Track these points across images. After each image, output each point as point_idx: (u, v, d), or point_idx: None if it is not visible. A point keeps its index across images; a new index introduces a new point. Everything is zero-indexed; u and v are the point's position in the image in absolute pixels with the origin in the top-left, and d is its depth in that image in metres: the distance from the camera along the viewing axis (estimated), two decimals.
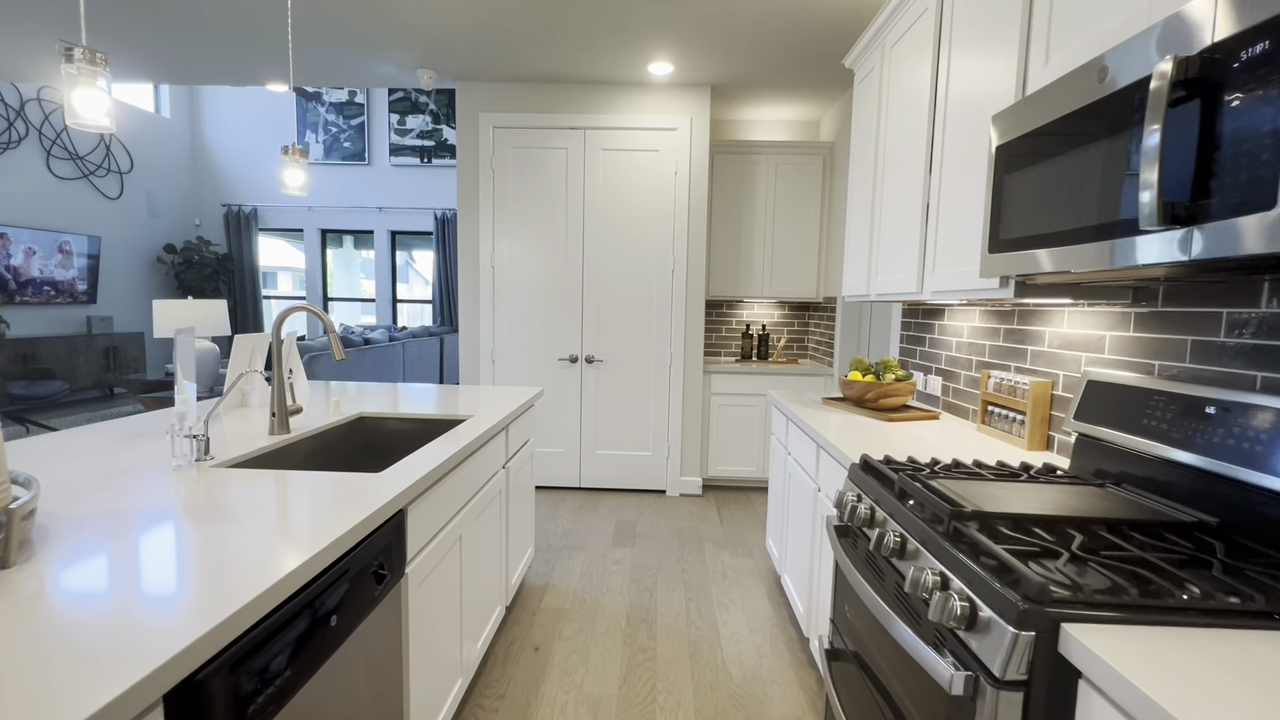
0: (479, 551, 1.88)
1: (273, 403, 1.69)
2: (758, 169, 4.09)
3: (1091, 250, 1.05)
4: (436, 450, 1.56)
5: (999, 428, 1.90)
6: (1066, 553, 0.92)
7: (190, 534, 0.99)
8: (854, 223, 2.59)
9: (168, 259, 7.77)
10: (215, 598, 0.79)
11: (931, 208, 1.87)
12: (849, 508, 1.38)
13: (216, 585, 0.82)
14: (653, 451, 3.94)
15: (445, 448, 1.58)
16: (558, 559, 2.94)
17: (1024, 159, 1.25)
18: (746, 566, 2.91)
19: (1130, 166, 0.96)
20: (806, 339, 4.51)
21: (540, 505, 3.68)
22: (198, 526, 1.02)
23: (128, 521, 1.03)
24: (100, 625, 0.72)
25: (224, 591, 0.80)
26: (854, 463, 1.51)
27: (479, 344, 3.91)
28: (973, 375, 2.16)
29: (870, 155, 2.40)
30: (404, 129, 8.18)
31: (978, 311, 2.15)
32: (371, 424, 2.08)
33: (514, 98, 3.75)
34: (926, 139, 1.90)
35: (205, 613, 0.75)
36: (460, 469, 1.66)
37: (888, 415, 2.17)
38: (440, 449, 1.57)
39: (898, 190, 2.13)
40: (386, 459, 2.09)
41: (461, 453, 1.61)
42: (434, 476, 1.41)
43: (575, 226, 3.82)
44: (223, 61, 3.58)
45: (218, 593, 0.80)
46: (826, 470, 1.91)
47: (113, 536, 0.97)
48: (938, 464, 1.44)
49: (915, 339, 2.64)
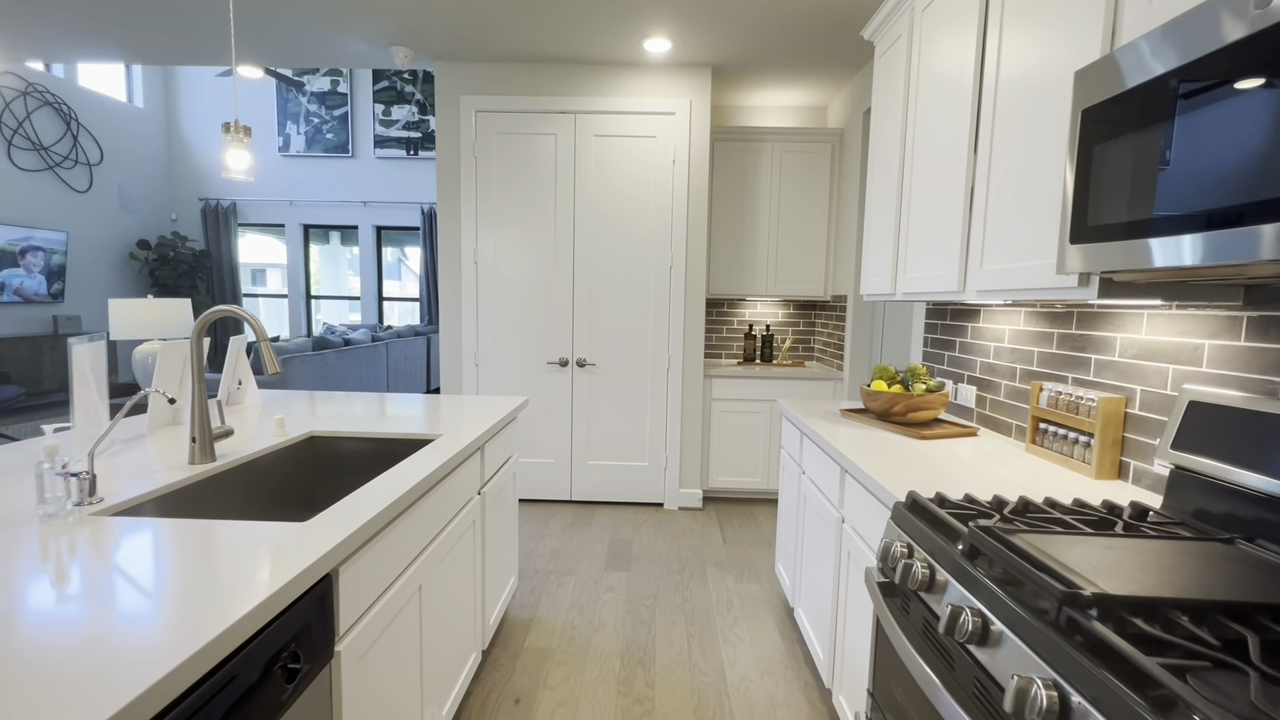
0: (446, 597, 1.59)
1: (191, 426, 1.40)
2: (761, 158, 3.80)
3: (1244, 239, 0.77)
4: (385, 488, 1.27)
5: (1055, 449, 1.63)
6: (1251, 670, 0.64)
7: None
8: (876, 213, 2.31)
9: (141, 255, 7.43)
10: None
11: (977, 194, 1.59)
12: (898, 562, 1.10)
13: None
14: (649, 462, 3.66)
15: (396, 484, 1.29)
16: (545, 586, 2.66)
17: (1125, 123, 0.97)
18: (754, 594, 2.63)
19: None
20: (813, 340, 4.24)
21: (528, 521, 3.40)
22: (9, 624, 0.73)
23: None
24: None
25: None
26: (899, 502, 1.23)
27: (461, 347, 3.62)
28: (1017, 386, 1.89)
29: (896, 136, 2.12)
30: (389, 120, 7.85)
31: (1023, 313, 1.88)
32: (324, 445, 1.79)
33: (498, 79, 3.45)
34: (970, 111, 1.62)
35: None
36: (421, 504, 1.37)
37: (919, 432, 1.89)
38: (391, 484, 1.28)
39: (932, 174, 1.85)
40: (337, 490, 1.80)
41: (421, 485, 1.33)
42: (380, 522, 1.13)
43: (565, 219, 3.53)
44: (187, 39, 3.26)
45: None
46: (854, 500, 1.63)
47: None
48: (1004, 505, 1.16)
49: (942, 343, 2.37)
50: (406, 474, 1.36)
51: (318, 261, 8.80)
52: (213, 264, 7.92)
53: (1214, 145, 0.82)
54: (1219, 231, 0.81)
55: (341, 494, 1.80)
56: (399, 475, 1.35)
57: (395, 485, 1.28)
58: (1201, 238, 0.83)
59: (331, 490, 1.81)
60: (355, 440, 1.79)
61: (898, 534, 1.18)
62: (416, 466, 1.42)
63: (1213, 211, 0.82)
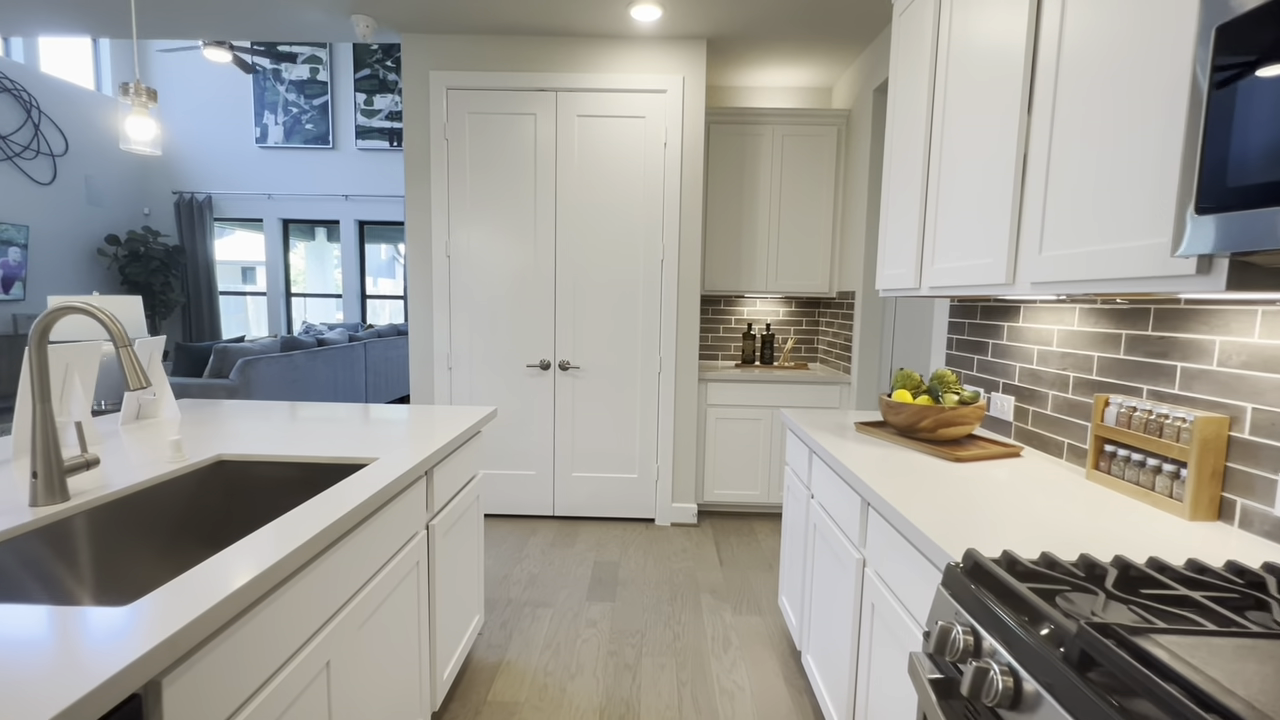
0: (373, 666, 1.28)
1: (33, 458, 1.08)
2: (761, 141, 3.49)
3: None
4: (262, 545, 0.96)
5: (1128, 478, 1.32)
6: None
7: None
8: (895, 195, 2.00)
9: (109, 251, 7.09)
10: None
11: (1033, 162, 1.28)
12: (963, 657, 0.79)
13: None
14: (639, 474, 3.35)
15: (283, 538, 0.98)
16: (519, 621, 2.35)
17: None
18: (754, 629, 2.32)
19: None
20: (816, 340, 3.93)
21: (504, 541, 3.08)
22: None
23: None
24: None
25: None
26: (955, 565, 0.92)
27: (432, 348, 3.30)
28: (1069, 398, 1.58)
29: (921, 102, 1.81)
30: (371, 109, 7.52)
31: (1078, 310, 1.57)
32: (233, 471, 1.48)
33: (471, 53, 3.13)
34: (1023, 59, 1.31)
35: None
36: (331, 555, 1.06)
37: (951, 452, 1.58)
38: (278, 537, 0.97)
39: (970, 143, 1.54)
40: (250, 527, 1.49)
41: (329, 533, 1.01)
42: (243, 600, 0.82)
43: (546, 207, 3.21)
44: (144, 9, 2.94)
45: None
46: (882, 541, 1.32)
47: None
48: (1098, 570, 0.85)
49: (970, 345, 2.06)
50: (301, 523, 1.04)
51: (303, 258, 8.47)
52: (187, 260, 7.58)
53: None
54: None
55: (253, 527, 1.49)
56: (293, 525, 1.03)
57: (282, 540, 0.96)
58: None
59: (245, 527, 1.49)
60: (273, 464, 1.47)
61: (956, 611, 0.87)
62: (341, 496, 1.10)
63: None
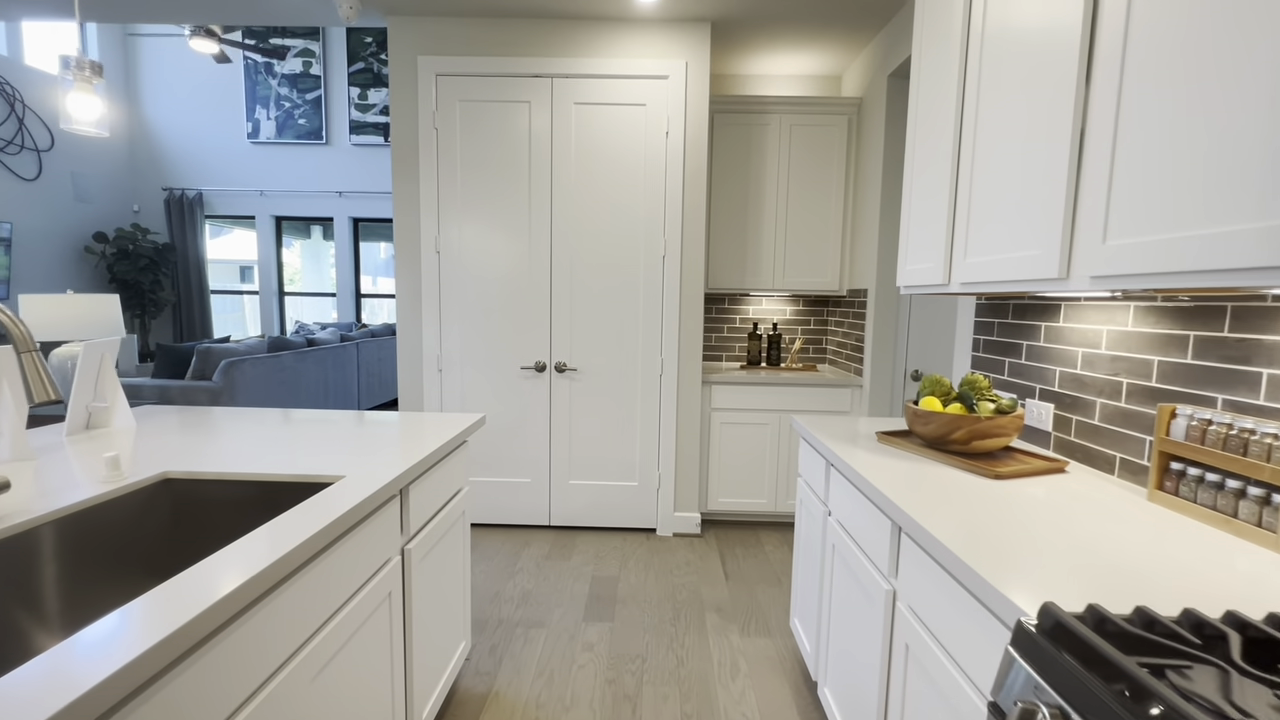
0: (335, 717, 1.11)
1: None
2: (768, 131, 3.31)
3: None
4: (174, 599, 0.79)
5: (1201, 501, 1.15)
6: None
7: None
8: (919, 182, 1.83)
9: (98, 249, 6.92)
10: None
11: (1093, 139, 1.11)
12: None
13: None
14: (640, 481, 3.18)
15: (204, 586, 0.81)
16: (510, 644, 2.18)
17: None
18: (763, 653, 2.15)
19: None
20: (825, 340, 3.75)
21: (497, 553, 2.92)
22: None
23: None
24: None
25: None
26: (1029, 626, 0.75)
27: (421, 349, 3.13)
28: (1122, 407, 1.41)
29: (950, 83, 1.63)
30: (366, 104, 7.35)
31: (1133, 307, 1.40)
32: (181, 491, 1.31)
33: (461, 37, 2.96)
34: (1081, 19, 1.14)
35: None
36: (275, 598, 0.89)
37: (989, 467, 1.41)
38: (197, 587, 0.80)
39: (1011, 123, 1.37)
40: (186, 558, 1.32)
41: (263, 579, 0.84)
42: (163, 658, 0.65)
43: (541, 199, 3.03)
44: None
45: None
46: (918, 573, 1.15)
47: None
48: (1209, 630, 0.68)
49: (1001, 346, 1.89)
50: (236, 562, 0.87)
51: (300, 256, 8.32)
52: (177, 258, 7.42)
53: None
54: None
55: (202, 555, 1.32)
56: (225, 565, 0.86)
57: (205, 586, 0.79)
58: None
59: (195, 556, 1.32)
60: (225, 484, 1.30)
61: (1036, 686, 0.69)
62: (252, 552, 0.93)
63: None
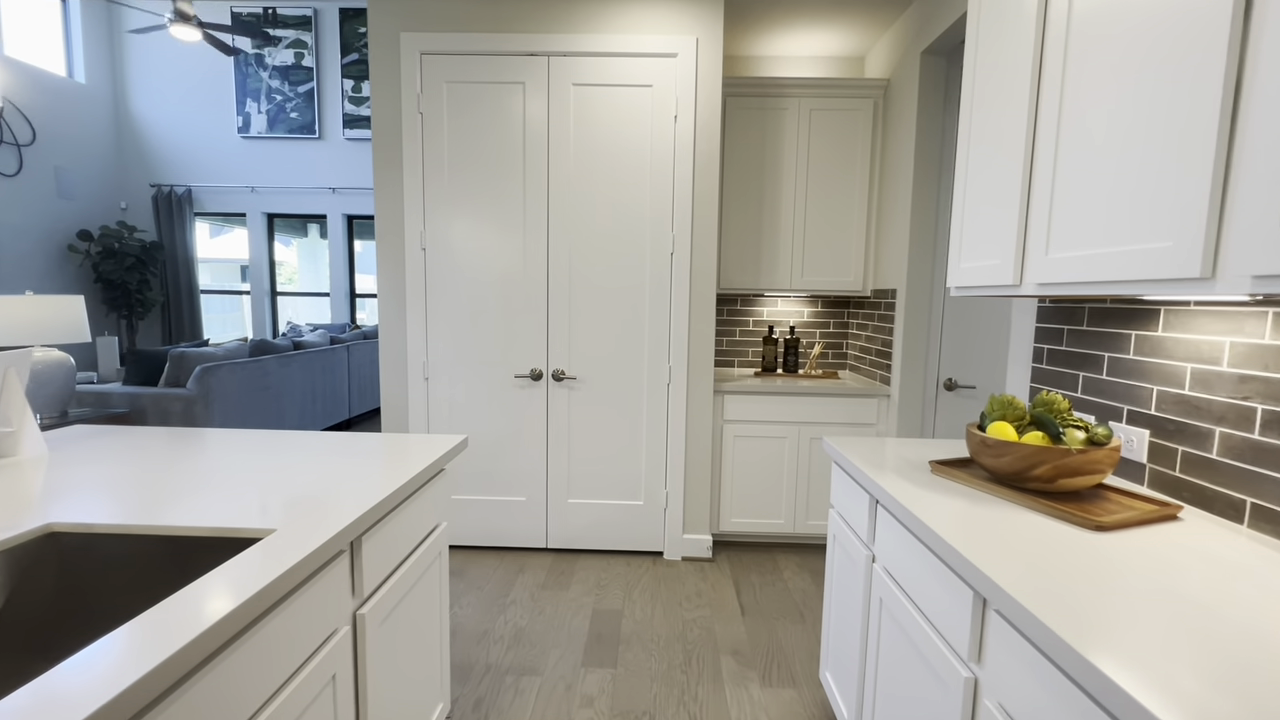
0: None
1: None
2: (785, 116, 3.03)
3: None
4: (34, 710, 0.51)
5: None
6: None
7: None
8: (981, 163, 1.55)
9: (82, 247, 6.67)
10: None
11: (1250, 95, 0.82)
12: None
13: None
14: (645, 500, 2.90)
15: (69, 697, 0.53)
16: (497, 696, 1.90)
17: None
18: (790, 708, 1.87)
19: None
20: (846, 345, 3.47)
21: (488, 581, 2.64)
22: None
23: None
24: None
25: None
26: None
27: (405, 355, 2.86)
28: (1253, 440, 1.13)
29: (1023, 51, 1.35)
30: (359, 97, 7.09)
31: (1271, 314, 1.11)
32: (71, 547, 1.04)
33: (448, 12, 2.68)
34: None
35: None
36: (173, 703, 0.62)
37: (1084, 513, 1.13)
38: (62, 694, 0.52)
39: (1119, 90, 1.08)
40: (72, 635, 1.04)
41: (152, 682, 0.57)
42: None
43: (537, 191, 2.76)
44: None
45: None
46: (1010, 658, 0.87)
47: None
48: None
49: (1074, 358, 1.60)
50: (121, 654, 0.59)
51: (296, 255, 8.08)
52: (165, 256, 7.17)
53: None
54: None
55: (91, 637, 1.04)
56: (101, 659, 0.58)
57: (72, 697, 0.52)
58: None
59: (83, 633, 1.05)
60: (126, 539, 1.03)
61: None
62: (144, 645, 0.65)
63: None
